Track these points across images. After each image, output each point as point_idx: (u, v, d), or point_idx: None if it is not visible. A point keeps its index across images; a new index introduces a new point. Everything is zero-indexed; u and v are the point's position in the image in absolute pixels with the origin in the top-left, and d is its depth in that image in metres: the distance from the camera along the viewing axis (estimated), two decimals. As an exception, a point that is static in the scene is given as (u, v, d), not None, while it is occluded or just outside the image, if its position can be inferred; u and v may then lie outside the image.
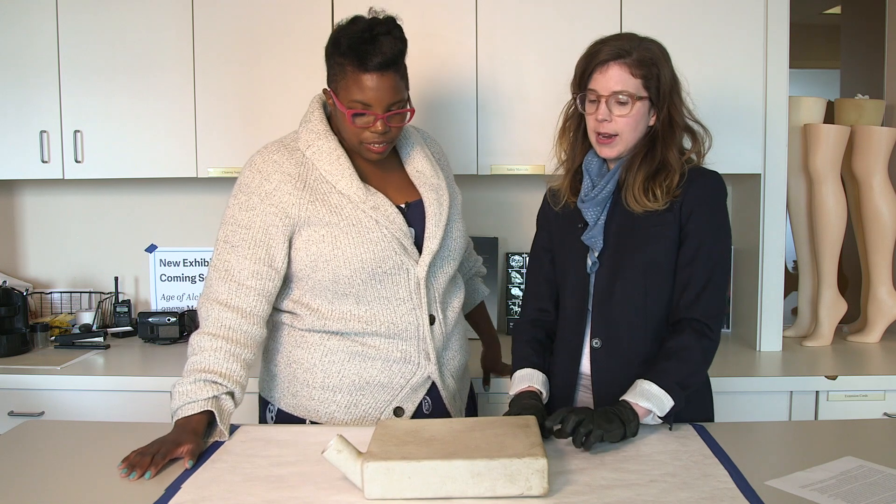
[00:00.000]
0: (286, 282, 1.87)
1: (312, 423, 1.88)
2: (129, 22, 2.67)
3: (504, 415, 1.76)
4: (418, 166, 1.93)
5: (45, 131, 2.71)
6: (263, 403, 1.98)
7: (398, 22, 1.79)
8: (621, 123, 1.74)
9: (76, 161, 2.71)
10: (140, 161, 2.71)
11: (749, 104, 2.59)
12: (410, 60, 1.82)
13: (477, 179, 2.71)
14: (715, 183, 1.80)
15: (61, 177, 2.73)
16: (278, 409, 1.92)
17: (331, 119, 1.89)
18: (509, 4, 2.60)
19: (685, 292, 1.76)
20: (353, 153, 1.86)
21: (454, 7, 2.61)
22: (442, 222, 1.87)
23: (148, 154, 2.71)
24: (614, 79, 1.73)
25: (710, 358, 1.78)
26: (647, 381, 1.69)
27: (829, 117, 2.81)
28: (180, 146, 2.69)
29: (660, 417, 1.68)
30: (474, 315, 2.31)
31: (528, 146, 2.63)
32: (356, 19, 1.78)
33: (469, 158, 2.64)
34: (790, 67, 2.58)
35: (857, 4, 4.21)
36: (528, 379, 1.84)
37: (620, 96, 1.73)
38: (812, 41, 5.63)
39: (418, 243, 1.86)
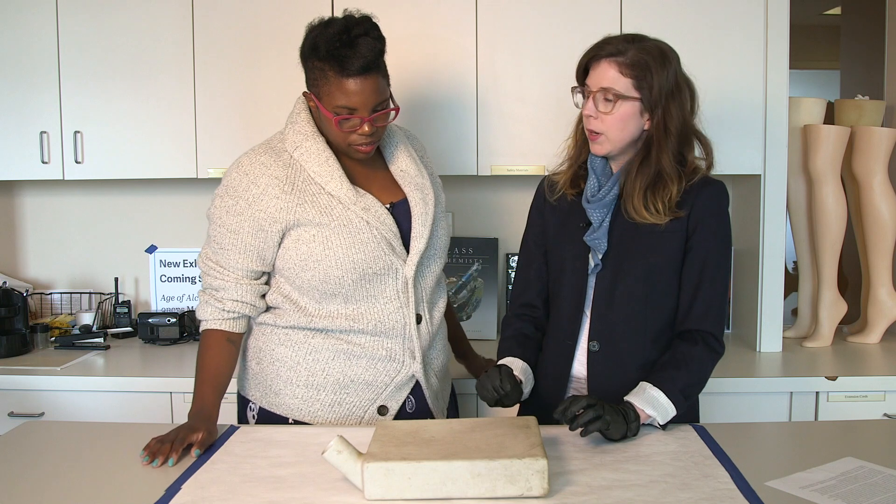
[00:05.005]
0: (272, 275, 1.89)
1: (296, 421, 1.86)
2: (130, 23, 2.66)
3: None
4: (402, 166, 1.92)
5: (45, 132, 2.70)
6: (244, 402, 1.95)
7: (374, 20, 1.76)
8: (607, 122, 1.73)
9: (76, 162, 2.71)
10: (140, 162, 2.71)
11: (749, 105, 2.58)
12: (411, 60, 1.81)
13: (477, 179, 2.71)
14: (721, 193, 1.81)
15: (61, 177, 2.73)
16: (260, 407, 1.91)
17: (316, 119, 1.87)
18: (509, 5, 2.60)
19: (694, 304, 1.77)
20: (340, 153, 1.86)
21: (454, 8, 2.60)
22: (428, 221, 1.87)
23: (148, 155, 2.70)
24: (603, 75, 1.72)
25: (712, 369, 1.80)
26: (654, 388, 1.69)
27: (829, 118, 2.81)
28: (180, 147, 2.69)
29: (660, 425, 1.69)
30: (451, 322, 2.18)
31: (528, 146, 2.62)
32: (331, 21, 1.75)
33: (469, 158, 2.64)
34: (790, 68, 2.58)
35: (857, 5, 4.22)
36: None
37: (607, 94, 1.72)
38: (812, 42, 5.64)
39: (405, 242, 1.86)
